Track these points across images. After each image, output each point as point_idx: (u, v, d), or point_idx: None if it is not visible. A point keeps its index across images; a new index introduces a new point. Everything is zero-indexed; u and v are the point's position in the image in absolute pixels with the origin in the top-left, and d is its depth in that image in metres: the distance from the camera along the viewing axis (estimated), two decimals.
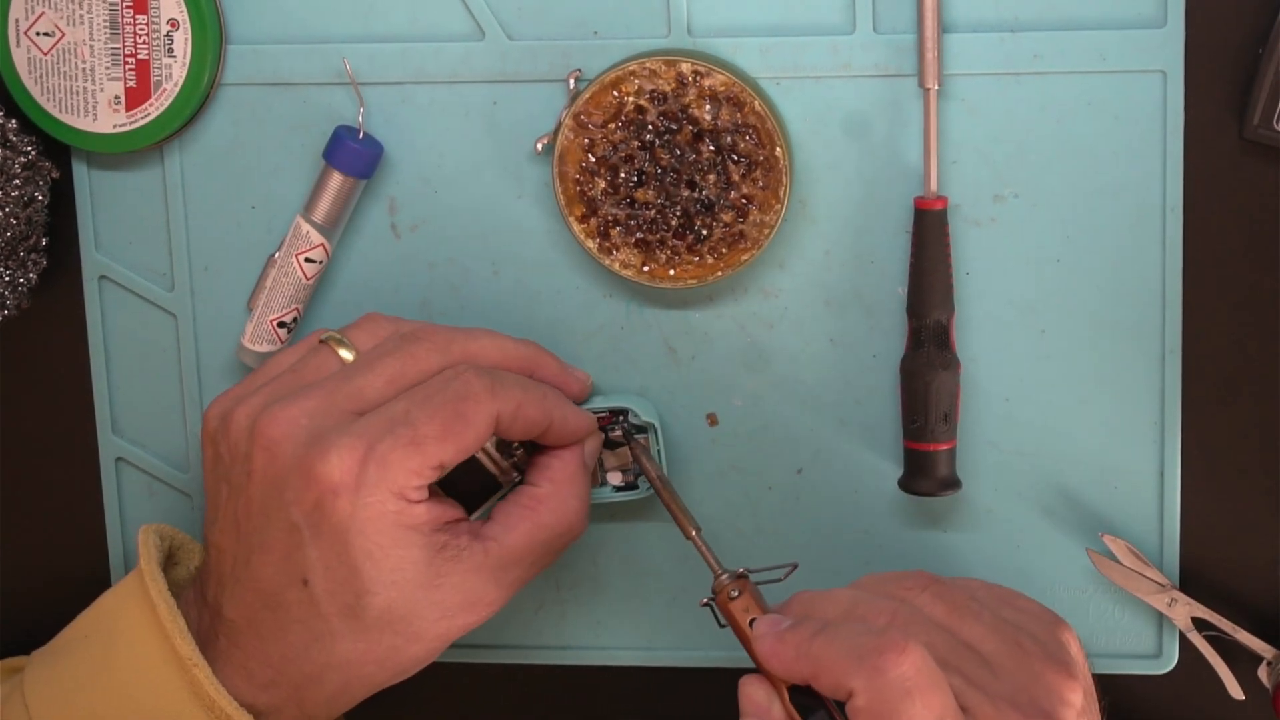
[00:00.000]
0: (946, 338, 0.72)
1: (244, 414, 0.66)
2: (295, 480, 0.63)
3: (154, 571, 0.66)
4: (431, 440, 0.64)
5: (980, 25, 0.72)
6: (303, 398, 0.65)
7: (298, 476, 0.63)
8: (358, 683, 0.66)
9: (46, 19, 0.74)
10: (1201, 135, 0.72)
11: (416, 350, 0.67)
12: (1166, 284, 0.73)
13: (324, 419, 0.64)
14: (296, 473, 0.63)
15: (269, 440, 0.64)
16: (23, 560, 0.82)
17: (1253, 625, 0.75)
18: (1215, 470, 0.75)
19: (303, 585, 0.64)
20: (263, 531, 0.64)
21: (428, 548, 0.64)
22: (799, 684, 0.61)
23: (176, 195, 0.77)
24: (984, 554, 0.76)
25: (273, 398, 0.65)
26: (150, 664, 0.65)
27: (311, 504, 0.63)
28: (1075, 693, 0.61)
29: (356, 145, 0.73)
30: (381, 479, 0.63)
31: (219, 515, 0.66)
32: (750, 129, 0.71)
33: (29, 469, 0.81)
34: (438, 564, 0.64)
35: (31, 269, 0.76)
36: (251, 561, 0.65)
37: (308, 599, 0.64)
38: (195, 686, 0.64)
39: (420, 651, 0.66)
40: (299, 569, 0.64)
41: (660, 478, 0.69)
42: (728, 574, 0.66)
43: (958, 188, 0.73)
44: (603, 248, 0.73)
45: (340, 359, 0.67)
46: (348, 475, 0.63)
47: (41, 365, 0.80)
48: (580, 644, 0.79)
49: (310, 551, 0.63)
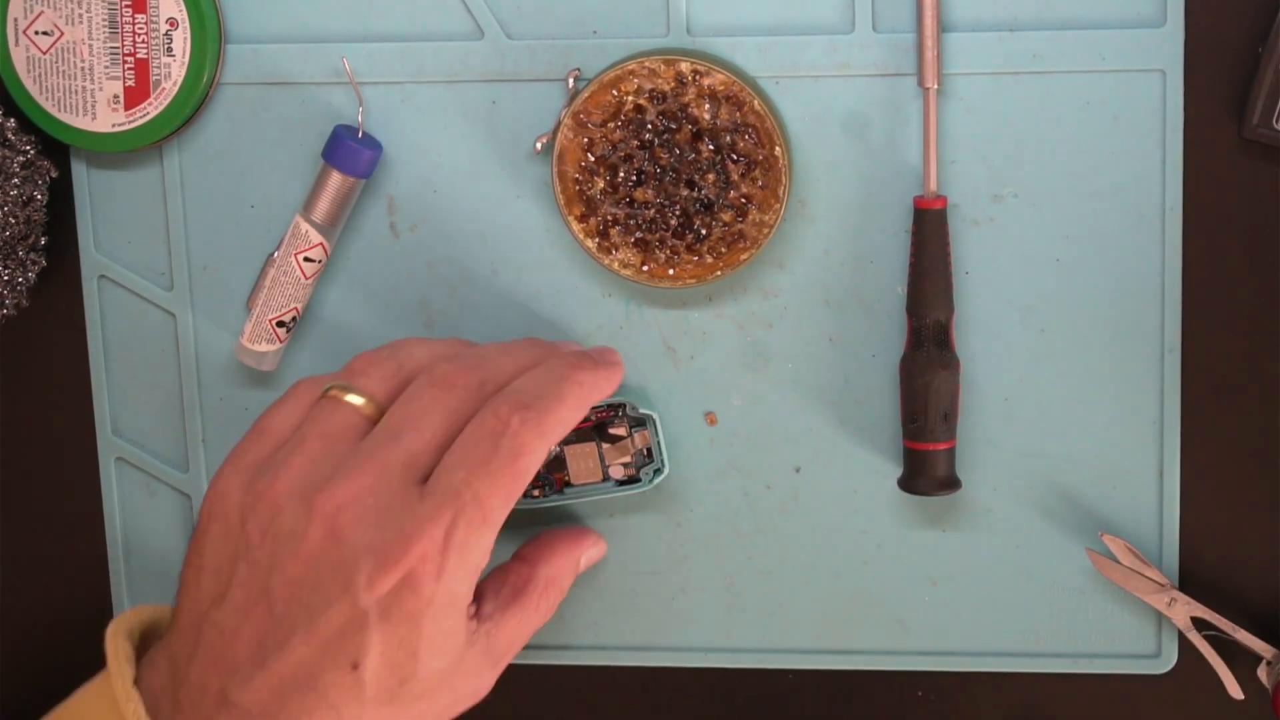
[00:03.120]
0: (946, 337, 0.72)
1: (287, 489, 0.62)
2: (369, 564, 0.61)
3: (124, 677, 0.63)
4: (499, 510, 0.63)
5: (979, 25, 0.72)
6: (357, 472, 0.62)
7: (374, 560, 0.61)
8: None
9: (45, 18, 0.74)
10: (1201, 135, 0.72)
11: (449, 400, 0.65)
12: (1166, 284, 0.73)
13: (389, 496, 0.62)
14: (373, 556, 0.61)
15: (331, 519, 0.61)
16: (22, 560, 0.82)
17: (1252, 625, 0.75)
18: (1215, 470, 0.75)
19: (351, 669, 0.61)
20: (311, 614, 0.61)
21: (467, 630, 0.65)
22: None
23: (175, 195, 0.77)
24: (984, 554, 0.76)
25: (314, 469, 0.63)
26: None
27: (389, 589, 0.61)
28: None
29: (356, 145, 0.73)
30: (461, 563, 0.62)
31: (229, 594, 0.62)
32: (749, 128, 0.71)
33: (29, 469, 0.81)
34: (465, 653, 0.64)
35: (30, 268, 0.76)
36: (289, 645, 0.61)
37: (352, 683, 0.61)
38: None
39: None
40: (352, 653, 0.61)
41: None
42: None
43: (957, 187, 0.73)
44: (602, 247, 0.73)
45: (357, 411, 0.65)
46: (431, 563, 0.61)
47: (41, 365, 0.80)
48: (580, 644, 0.79)
49: (373, 636, 0.61)
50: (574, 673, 0.80)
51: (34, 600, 0.82)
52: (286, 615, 0.61)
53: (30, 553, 0.82)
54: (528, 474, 0.64)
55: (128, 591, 0.80)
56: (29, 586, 0.82)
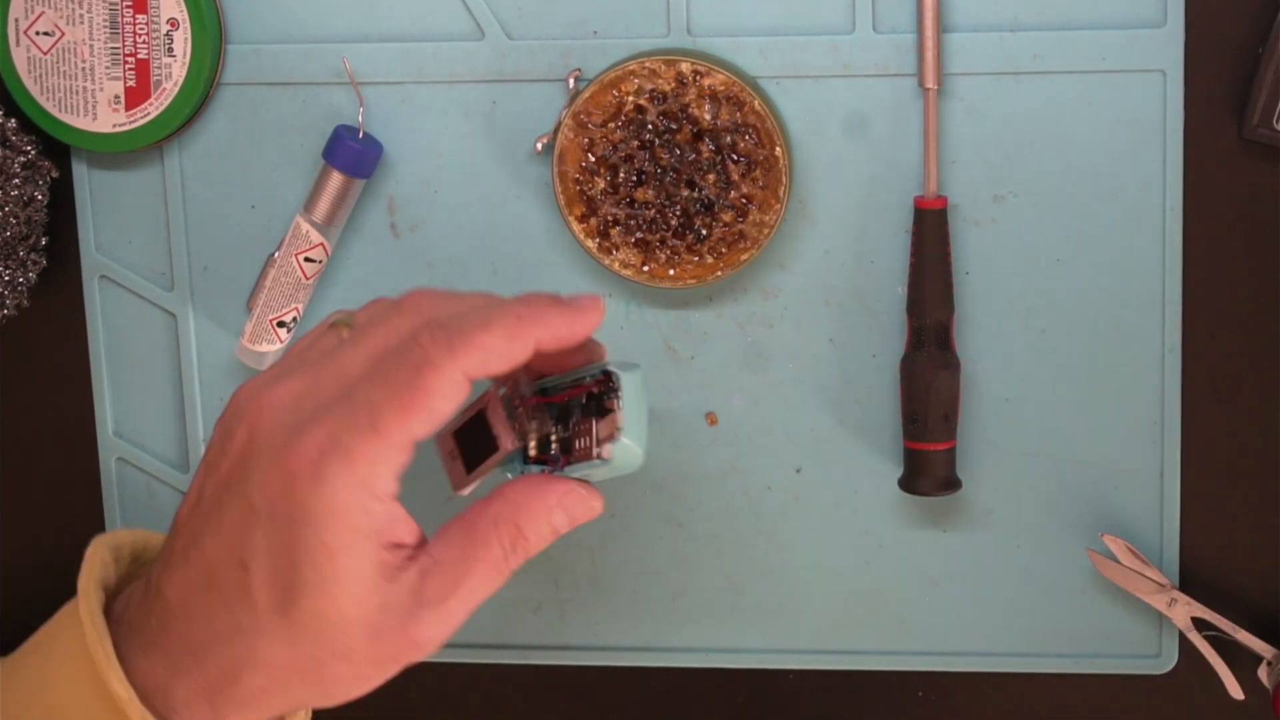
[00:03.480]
0: (946, 337, 0.72)
1: (242, 395, 0.63)
2: (265, 463, 0.61)
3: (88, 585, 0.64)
4: (392, 421, 0.60)
5: (980, 25, 0.72)
6: (289, 378, 0.62)
7: (268, 459, 0.61)
8: (276, 692, 0.62)
9: (46, 18, 0.74)
10: (1201, 135, 0.72)
11: (399, 320, 0.63)
12: (1166, 284, 0.73)
13: (308, 400, 0.62)
14: (268, 455, 0.61)
15: (253, 420, 0.62)
16: (22, 560, 0.82)
17: (1253, 625, 0.75)
18: (1215, 470, 0.75)
19: (241, 568, 0.61)
20: (220, 509, 0.62)
21: (375, 564, 0.61)
22: None
23: (176, 195, 0.77)
24: (984, 554, 0.76)
25: (272, 379, 0.63)
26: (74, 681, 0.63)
27: (276, 489, 0.60)
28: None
29: (356, 145, 0.73)
30: (342, 470, 0.60)
31: (189, 494, 0.64)
32: (750, 128, 0.71)
33: (29, 469, 0.81)
34: (382, 587, 0.61)
35: (31, 268, 0.76)
36: (201, 540, 0.62)
37: (243, 584, 0.61)
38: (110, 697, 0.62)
39: (347, 674, 0.62)
40: (241, 551, 0.61)
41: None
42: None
43: (957, 187, 0.73)
44: (602, 247, 0.73)
45: (338, 335, 0.64)
46: (309, 464, 0.60)
47: (41, 365, 0.80)
48: (580, 644, 0.79)
49: (257, 534, 0.61)
50: (574, 673, 0.80)
51: (34, 600, 0.82)
52: (205, 511, 0.63)
53: (30, 553, 0.82)
54: (433, 391, 0.60)
55: None
56: (29, 587, 0.82)
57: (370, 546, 0.61)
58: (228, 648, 0.62)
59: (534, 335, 0.61)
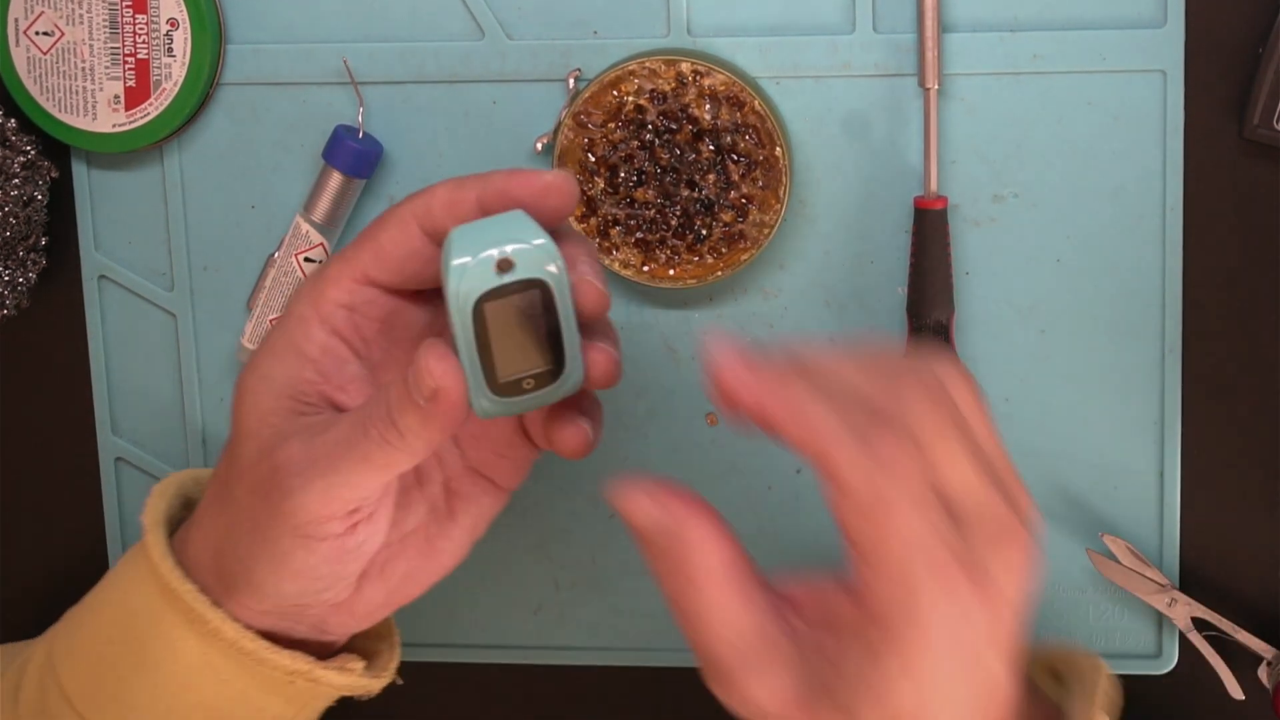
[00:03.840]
0: (946, 338, 0.72)
1: None
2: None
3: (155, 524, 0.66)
4: (348, 253, 0.61)
5: (980, 25, 0.72)
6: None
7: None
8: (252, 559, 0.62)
9: (46, 18, 0.74)
10: (1201, 135, 0.72)
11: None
12: (1166, 284, 0.73)
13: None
14: None
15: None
16: (22, 560, 0.82)
17: (1253, 625, 0.75)
18: (1215, 470, 0.75)
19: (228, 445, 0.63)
20: None
21: (290, 385, 0.61)
22: (751, 421, 0.55)
23: (176, 195, 0.77)
24: None
25: None
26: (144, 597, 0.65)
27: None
28: (1020, 556, 0.56)
29: (356, 145, 0.73)
30: (306, 293, 0.62)
31: None
32: (750, 129, 0.71)
33: (29, 469, 0.81)
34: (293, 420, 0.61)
35: (31, 268, 0.76)
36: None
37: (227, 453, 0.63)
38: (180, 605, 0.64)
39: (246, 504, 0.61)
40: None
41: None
42: None
43: (957, 187, 0.73)
44: (602, 247, 0.73)
45: None
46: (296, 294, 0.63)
47: (41, 365, 0.80)
48: (580, 644, 0.79)
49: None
50: (574, 673, 0.80)
51: (34, 600, 0.82)
52: None
53: (30, 553, 0.81)
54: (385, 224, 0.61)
55: None
56: (29, 586, 0.82)
57: (296, 362, 0.62)
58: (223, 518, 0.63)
59: (475, 188, 0.60)
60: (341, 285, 0.61)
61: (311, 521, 0.60)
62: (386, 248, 0.61)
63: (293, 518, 0.60)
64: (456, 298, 0.56)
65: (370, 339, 0.63)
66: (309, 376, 0.62)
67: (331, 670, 0.65)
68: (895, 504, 0.54)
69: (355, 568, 0.62)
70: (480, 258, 0.56)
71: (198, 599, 0.63)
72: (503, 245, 0.56)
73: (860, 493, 0.54)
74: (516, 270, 0.56)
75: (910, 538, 0.54)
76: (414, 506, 0.64)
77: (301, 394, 0.62)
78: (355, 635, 0.68)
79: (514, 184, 0.59)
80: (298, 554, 0.61)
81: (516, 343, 0.57)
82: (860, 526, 0.55)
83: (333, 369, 0.62)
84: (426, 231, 0.60)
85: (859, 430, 0.54)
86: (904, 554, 0.54)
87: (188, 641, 0.64)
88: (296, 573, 0.61)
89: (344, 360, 0.62)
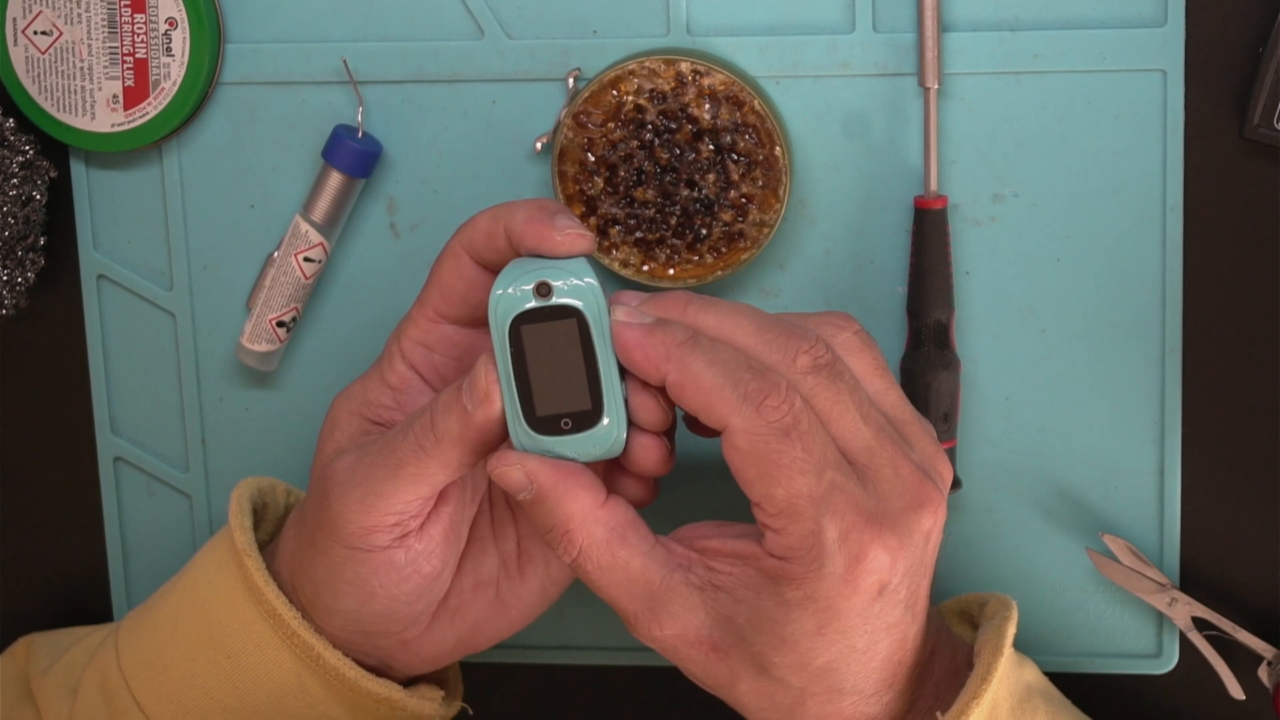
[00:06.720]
0: (946, 337, 0.72)
1: None
2: None
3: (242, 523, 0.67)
4: (424, 291, 0.65)
5: (980, 24, 0.72)
6: None
7: None
8: (315, 570, 0.64)
9: (44, 18, 0.74)
10: (1201, 135, 0.72)
11: None
12: (1166, 284, 0.73)
13: None
14: None
15: None
16: (22, 560, 0.82)
17: (1253, 625, 0.75)
18: (1215, 470, 0.75)
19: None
20: None
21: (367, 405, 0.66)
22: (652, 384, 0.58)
23: (175, 194, 0.77)
24: (984, 554, 0.76)
25: None
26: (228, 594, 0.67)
27: None
28: (932, 518, 0.60)
29: (355, 144, 0.73)
30: (396, 330, 0.66)
31: None
32: (750, 128, 0.71)
33: (28, 469, 0.81)
34: (359, 439, 0.65)
35: (30, 268, 0.76)
36: None
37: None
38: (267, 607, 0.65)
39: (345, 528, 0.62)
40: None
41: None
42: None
43: (957, 187, 0.73)
44: (602, 247, 0.73)
45: None
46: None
47: (40, 365, 0.80)
48: (580, 644, 0.79)
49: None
50: (574, 672, 0.80)
51: (34, 600, 0.82)
52: None
53: (30, 553, 0.81)
54: (441, 263, 0.64)
55: (127, 592, 0.80)
56: (29, 586, 0.82)
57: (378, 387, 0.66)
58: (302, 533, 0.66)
59: (504, 219, 0.62)
60: (418, 324, 0.65)
61: (355, 533, 0.62)
62: (447, 282, 0.64)
63: (337, 527, 0.62)
64: (495, 314, 0.59)
65: (447, 376, 0.66)
66: (385, 401, 0.65)
67: (415, 699, 0.67)
68: (790, 464, 0.56)
69: (412, 590, 0.64)
70: (522, 281, 0.59)
71: (302, 624, 0.65)
72: (547, 273, 0.59)
73: (755, 454, 0.57)
74: (554, 296, 0.59)
75: (810, 494, 0.56)
76: (486, 557, 0.67)
77: (375, 415, 0.66)
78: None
79: (528, 232, 0.61)
80: (349, 565, 0.63)
81: (555, 375, 0.59)
82: (759, 486, 0.57)
83: (409, 400, 0.65)
84: (478, 261, 0.64)
85: (750, 394, 0.57)
86: (806, 510, 0.57)
87: (285, 664, 0.65)
88: (351, 584, 0.63)
89: (421, 392, 0.66)
